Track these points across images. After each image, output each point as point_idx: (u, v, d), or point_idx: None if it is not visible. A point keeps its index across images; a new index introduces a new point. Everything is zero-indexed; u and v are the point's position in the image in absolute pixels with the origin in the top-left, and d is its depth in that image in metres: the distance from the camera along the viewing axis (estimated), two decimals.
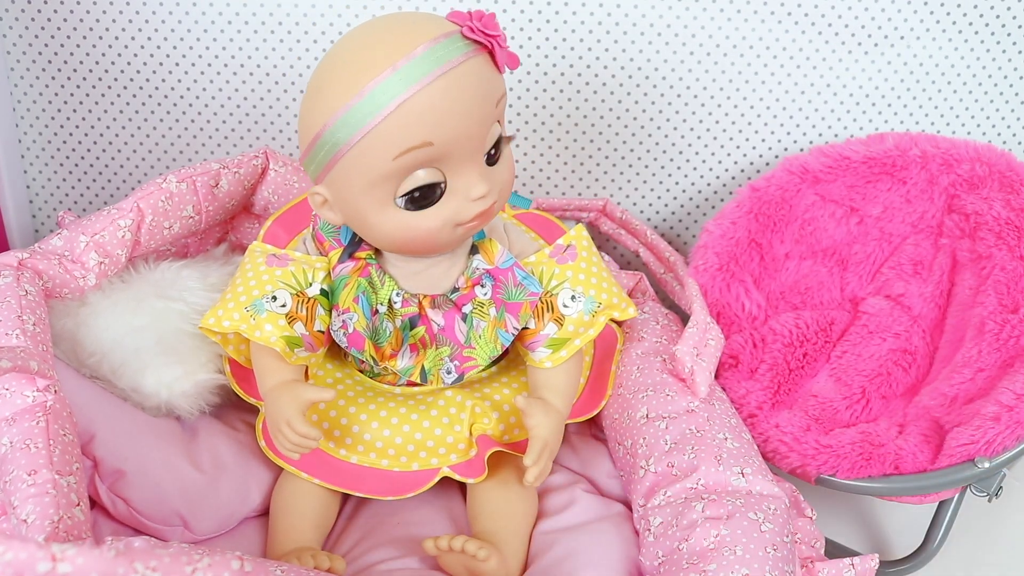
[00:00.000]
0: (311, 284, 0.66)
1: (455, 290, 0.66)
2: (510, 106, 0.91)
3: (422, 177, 0.58)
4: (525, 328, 0.67)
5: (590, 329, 0.67)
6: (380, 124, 0.55)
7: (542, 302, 0.67)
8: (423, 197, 0.59)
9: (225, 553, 0.44)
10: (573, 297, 0.67)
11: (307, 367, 0.70)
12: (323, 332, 0.66)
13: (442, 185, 0.59)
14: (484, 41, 0.57)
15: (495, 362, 0.73)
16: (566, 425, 0.72)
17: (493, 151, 0.60)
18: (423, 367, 0.66)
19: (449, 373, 0.67)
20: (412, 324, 0.66)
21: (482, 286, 0.66)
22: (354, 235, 0.67)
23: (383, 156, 0.56)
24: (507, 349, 0.69)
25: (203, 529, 0.65)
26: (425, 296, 0.66)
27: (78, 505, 0.51)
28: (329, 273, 0.67)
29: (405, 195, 0.58)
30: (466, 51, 0.57)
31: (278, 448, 0.64)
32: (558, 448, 0.66)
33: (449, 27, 0.57)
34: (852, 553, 0.65)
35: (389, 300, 0.65)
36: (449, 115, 0.56)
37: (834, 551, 0.75)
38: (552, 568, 0.61)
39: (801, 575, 0.58)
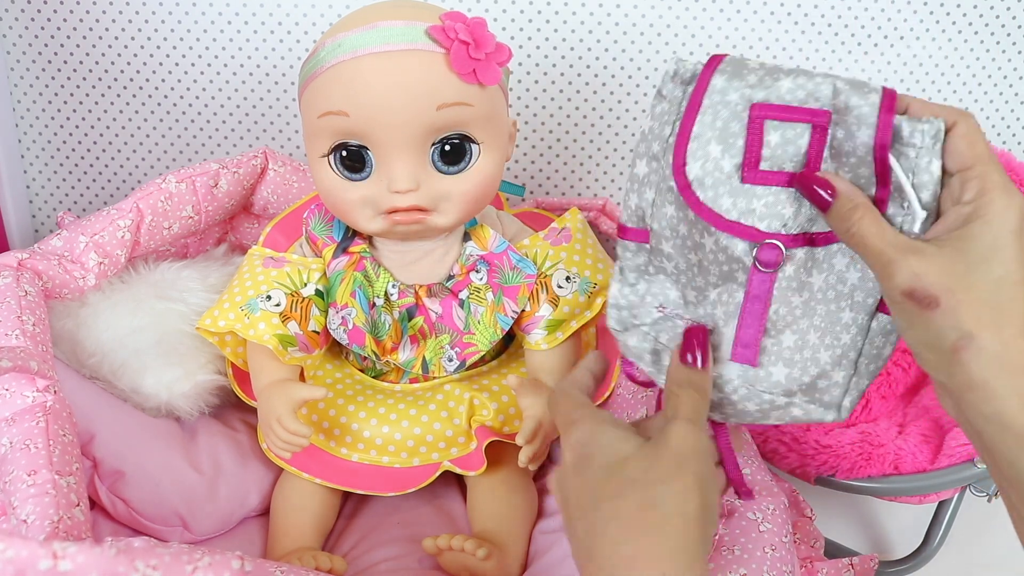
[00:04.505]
0: (306, 284, 0.66)
1: (450, 277, 0.66)
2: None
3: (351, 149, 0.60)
4: (522, 310, 0.68)
5: (587, 311, 0.67)
6: (321, 75, 0.58)
7: (537, 283, 0.67)
8: (350, 158, 0.60)
9: (225, 553, 0.44)
10: (568, 278, 0.67)
11: (303, 368, 0.70)
12: (317, 333, 0.67)
13: (368, 162, 0.60)
14: (442, 40, 0.57)
15: (497, 354, 0.73)
16: None
17: (451, 164, 0.60)
18: (424, 358, 0.66)
19: (451, 361, 0.67)
20: (410, 315, 0.66)
21: (477, 271, 0.66)
22: (347, 229, 0.67)
23: (313, 110, 0.59)
24: (510, 339, 0.69)
25: (202, 529, 0.65)
26: (421, 286, 0.66)
27: (78, 505, 0.51)
28: (324, 274, 0.67)
29: (331, 152, 0.60)
30: (418, 42, 0.57)
31: (270, 446, 0.64)
32: (554, 431, 0.66)
33: (432, 20, 0.58)
34: (852, 553, 0.65)
35: (385, 292, 0.66)
36: (369, 92, 0.57)
37: (834, 551, 0.75)
38: (552, 568, 0.61)
39: (801, 575, 0.58)
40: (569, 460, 0.46)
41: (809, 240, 0.45)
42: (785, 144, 0.43)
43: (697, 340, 0.47)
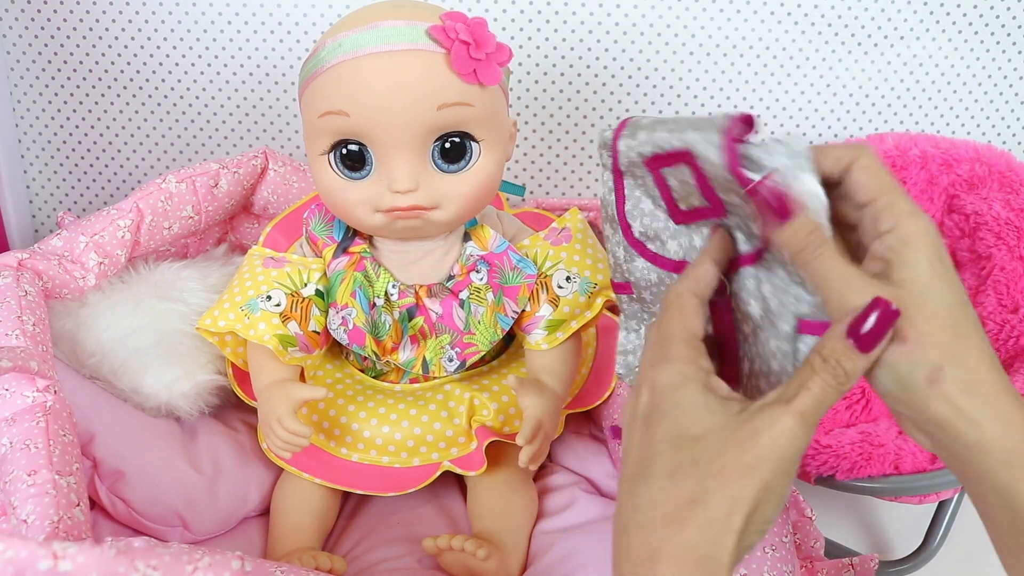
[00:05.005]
0: (306, 284, 0.66)
1: (450, 278, 0.66)
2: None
3: (351, 148, 0.60)
4: (522, 310, 0.68)
5: (587, 311, 0.67)
6: (321, 75, 0.58)
7: (537, 283, 0.67)
8: (350, 157, 0.60)
9: (225, 553, 0.44)
10: (568, 278, 0.67)
11: (303, 369, 0.70)
12: (318, 333, 0.67)
13: (368, 161, 0.60)
14: (443, 40, 0.57)
15: (497, 354, 0.73)
16: (566, 420, 0.73)
17: (451, 162, 0.60)
18: (424, 358, 0.66)
19: (451, 361, 0.67)
20: (410, 315, 0.66)
21: (477, 271, 0.66)
22: (347, 229, 0.67)
23: (314, 110, 0.59)
24: (510, 339, 0.69)
25: (202, 529, 0.65)
26: (421, 286, 0.66)
27: (78, 505, 0.51)
28: (324, 274, 0.67)
29: (331, 150, 0.60)
30: (418, 42, 0.57)
31: (270, 446, 0.64)
32: (554, 431, 0.66)
33: (432, 20, 0.58)
34: (852, 553, 0.65)
35: (386, 292, 0.66)
36: (369, 92, 0.57)
37: (834, 551, 0.75)
38: (552, 568, 0.61)
39: (801, 575, 0.58)
40: (645, 403, 0.40)
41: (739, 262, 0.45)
42: (683, 185, 0.45)
43: (887, 317, 0.37)
